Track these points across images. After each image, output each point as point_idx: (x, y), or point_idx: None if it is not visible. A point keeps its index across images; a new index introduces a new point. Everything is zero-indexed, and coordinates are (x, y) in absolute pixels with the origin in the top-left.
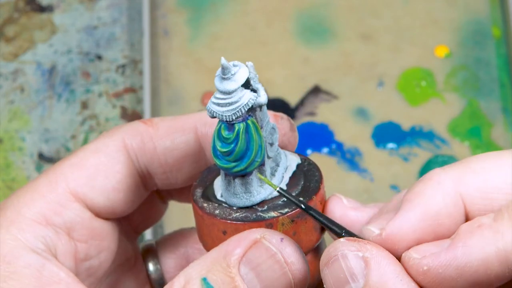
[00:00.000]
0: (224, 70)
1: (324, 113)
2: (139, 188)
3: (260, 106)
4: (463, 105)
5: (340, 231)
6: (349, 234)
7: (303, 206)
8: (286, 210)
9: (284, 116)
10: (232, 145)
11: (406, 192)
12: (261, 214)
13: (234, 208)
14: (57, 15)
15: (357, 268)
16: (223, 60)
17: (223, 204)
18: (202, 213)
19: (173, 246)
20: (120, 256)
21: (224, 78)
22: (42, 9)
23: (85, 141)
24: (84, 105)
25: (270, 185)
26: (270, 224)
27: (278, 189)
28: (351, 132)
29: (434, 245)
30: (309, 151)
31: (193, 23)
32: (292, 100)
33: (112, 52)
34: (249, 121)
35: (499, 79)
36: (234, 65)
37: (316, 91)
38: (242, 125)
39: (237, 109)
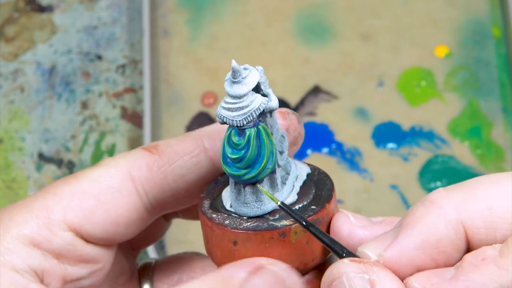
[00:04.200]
0: (235, 73)
1: (324, 113)
2: (141, 219)
3: (271, 112)
4: (463, 105)
5: (341, 252)
6: (350, 255)
7: (304, 223)
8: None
9: (289, 111)
10: (243, 151)
11: (406, 214)
12: (273, 223)
13: (245, 218)
14: (57, 15)
15: None
16: (234, 63)
17: (233, 215)
18: (211, 224)
19: (170, 270)
20: (114, 272)
21: (234, 82)
22: (42, 9)
23: (85, 141)
24: (84, 105)
25: (272, 198)
26: (283, 233)
27: (279, 203)
28: (351, 132)
29: (435, 275)
30: (309, 151)
31: (193, 23)
32: (292, 100)
33: (112, 52)
34: (260, 126)
35: (499, 79)
36: (244, 69)
37: (316, 91)
38: (253, 130)
39: (248, 114)
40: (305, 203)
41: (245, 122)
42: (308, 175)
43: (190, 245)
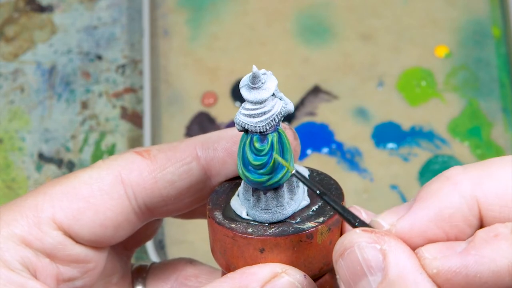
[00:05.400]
0: (255, 79)
1: (324, 113)
2: (130, 223)
3: (287, 115)
4: (463, 105)
5: (353, 221)
6: (363, 224)
7: (318, 191)
8: (321, 219)
9: (286, 125)
10: (267, 157)
11: (421, 188)
12: (298, 226)
13: (266, 224)
14: (57, 15)
15: (375, 261)
16: (255, 69)
17: (252, 222)
18: (233, 234)
19: (163, 276)
20: (107, 271)
21: (254, 88)
22: (42, 9)
23: (85, 141)
24: (84, 105)
25: (286, 166)
26: (310, 235)
27: (294, 171)
28: (351, 132)
29: (446, 247)
30: (309, 151)
31: (193, 23)
32: (292, 100)
33: (112, 52)
34: (280, 130)
35: (499, 79)
36: (263, 74)
37: (316, 91)
38: (275, 135)
39: (271, 119)
40: (320, 203)
41: (268, 127)
42: (309, 176)
43: (189, 245)
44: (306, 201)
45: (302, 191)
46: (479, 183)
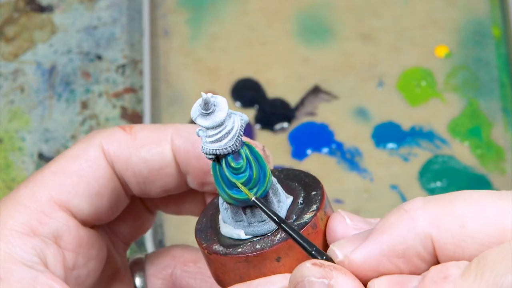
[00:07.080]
0: (207, 104)
1: (324, 113)
2: (121, 192)
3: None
4: (463, 105)
5: (310, 249)
6: (319, 252)
7: (276, 219)
8: (314, 206)
9: (259, 145)
10: (247, 172)
11: (382, 218)
12: (299, 222)
13: (268, 234)
14: (57, 15)
15: None
16: (205, 95)
17: (255, 239)
18: (245, 257)
19: (162, 265)
20: (109, 267)
21: (208, 114)
22: (42, 9)
23: None
24: (84, 105)
25: (246, 192)
26: (314, 225)
27: (253, 198)
28: (351, 132)
29: (397, 282)
30: (309, 151)
31: (193, 23)
32: (292, 100)
33: (112, 52)
34: (246, 142)
35: (499, 79)
36: (211, 97)
37: (316, 91)
38: (245, 148)
39: (237, 135)
40: (302, 194)
41: (237, 144)
42: (278, 179)
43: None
44: (290, 198)
45: (281, 190)
46: (435, 221)
